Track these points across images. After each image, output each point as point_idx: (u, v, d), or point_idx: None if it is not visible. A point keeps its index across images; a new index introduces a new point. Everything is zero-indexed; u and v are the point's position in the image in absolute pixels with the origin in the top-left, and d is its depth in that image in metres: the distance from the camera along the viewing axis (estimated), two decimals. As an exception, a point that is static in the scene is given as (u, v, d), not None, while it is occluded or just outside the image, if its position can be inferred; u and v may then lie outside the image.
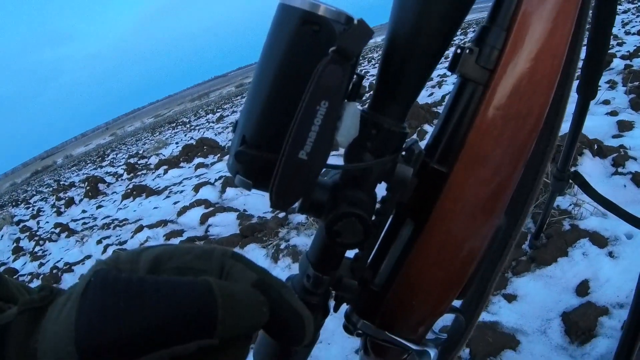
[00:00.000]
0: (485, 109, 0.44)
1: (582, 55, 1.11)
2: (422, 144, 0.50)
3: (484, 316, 1.91)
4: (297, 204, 0.45)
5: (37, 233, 7.22)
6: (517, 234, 0.60)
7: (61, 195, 11.04)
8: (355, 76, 0.43)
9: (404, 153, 0.47)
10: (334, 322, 0.78)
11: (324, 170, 0.43)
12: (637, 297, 0.87)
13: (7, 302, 0.30)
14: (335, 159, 0.54)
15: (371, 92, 0.47)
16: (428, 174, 0.47)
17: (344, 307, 0.57)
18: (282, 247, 2.92)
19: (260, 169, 0.42)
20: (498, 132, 0.45)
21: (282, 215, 3.51)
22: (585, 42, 1.06)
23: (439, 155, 0.48)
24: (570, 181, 1.55)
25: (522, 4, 0.44)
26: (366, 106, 0.48)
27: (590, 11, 1.01)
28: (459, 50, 0.46)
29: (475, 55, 0.45)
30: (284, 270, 2.74)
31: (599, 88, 3.51)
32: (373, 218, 0.48)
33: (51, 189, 14.69)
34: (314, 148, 0.39)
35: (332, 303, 0.55)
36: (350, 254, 0.52)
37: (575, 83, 1.20)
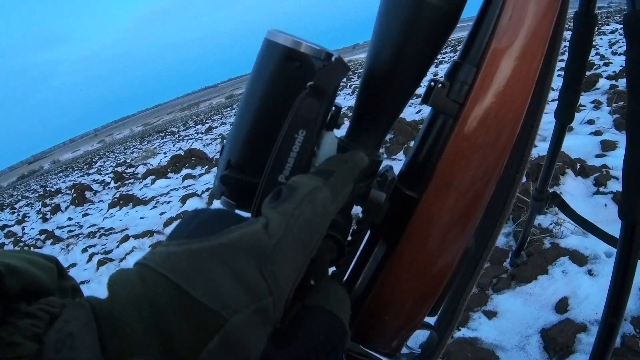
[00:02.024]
0: (454, 140, 0.48)
1: (560, 81, 1.15)
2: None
3: (464, 332, 1.94)
4: None
5: (22, 239, 7.17)
6: (488, 255, 0.63)
7: (47, 201, 10.97)
8: (333, 108, 0.46)
9: (378, 179, 0.50)
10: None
11: None
12: (607, 312, 0.90)
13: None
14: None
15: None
16: (400, 199, 0.50)
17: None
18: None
19: (243, 191, 0.45)
20: (466, 161, 0.48)
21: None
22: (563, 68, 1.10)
23: (410, 181, 0.51)
24: (549, 201, 1.58)
25: (492, 42, 0.47)
26: (344, 134, 0.51)
27: (567, 42, 1.05)
28: (432, 84, 0.49)
29: (446, 89, 0.48)
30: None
31: (583, 108, 3.57)
32: (349, 238, 0.51)
33: (37, 194, 14.59)
34: (292, 172, 0.42)
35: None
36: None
37: (554, 107, 1.24)
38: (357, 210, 0.51)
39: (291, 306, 0.37)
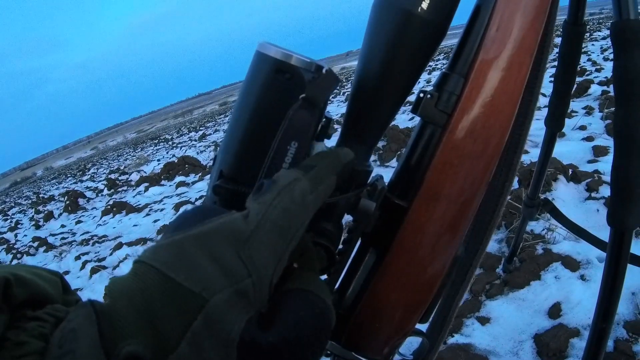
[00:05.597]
0: (442, 149, 0.48)
1: (551, 88, 1.16)
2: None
3: (457, 338, 1.94)
4: None
5: (15, 246, 7.13)
6: (478, 262, 0.64)
7: (40, 208, 10.93)
8: (324, 119, 0.47)
9: (368, 188, 0.50)
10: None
11: None
12: (597, 317, 0.91)
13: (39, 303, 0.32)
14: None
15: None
16: (390, 208, 0.51)
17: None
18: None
19: (235, 202, 0.45)
20: (454, 170, 0.48)
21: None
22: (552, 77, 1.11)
23: (400, 191, 0.52)
24: (541, 208, 1.59)
25: (479, 53, 0.48)
26: (334, 145, 0.52)
27: (557, 49, 1.06)
28: (421, 95, 0.50)
29: (435, 100, 0.49)
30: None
31: (575, 114, 3.57)
32: (340, 246, 0.52)
33: (30, 201, 14.53)
34: None
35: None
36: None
37: (544, 115, 1.25)
38: (347, 219, 0.51)
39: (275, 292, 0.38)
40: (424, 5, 0.45)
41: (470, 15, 0.51)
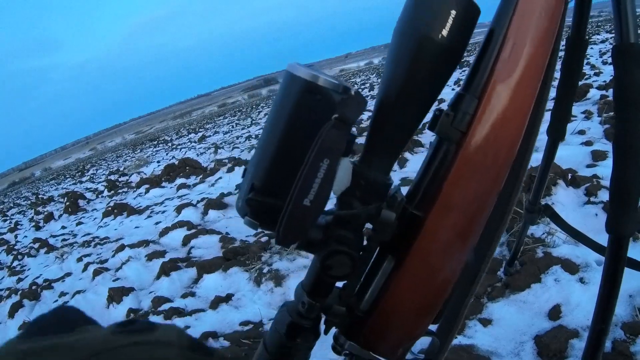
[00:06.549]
0: (456, 164, 0.52)
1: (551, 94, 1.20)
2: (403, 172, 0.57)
3: (460, 339, 1.97)
4: None
5: (15, 247, 7.13)
6: (486, 267, 0.67)
7: (40, 209, 10.92)
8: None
9: (388, 199, 0.54)
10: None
11: None
12: (595, 319, 0.94)
13: None
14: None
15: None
16: (407, 218, 0.55)
17: (333, 330, 0.64)
18: (264, 271, 2.94)
19: (266, 212, 0.49)
20: (466, 183, 0.52)
21: (264, 239, 3.51)
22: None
23: (417, 201, 0.56)
24: (541, 213, 1.62)
25: (492, 75, 0.52)
26: (357, 159, 0.55)
27: (560, 61, 1.10)
28: (437, 113, 0.54)
29: (450, 119, 0.53)
30: (266, 294, 2.76)
31: (574, 118, 3.57)
32: (360, 254, 0.55)
33: (29, 202, 14.51)
34: (316, 197, 0.46)
35: (322, 327, 0.62)
36: (340, 283, 0.59)
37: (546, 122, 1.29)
38: (366, 226, 0.55)
39: None
40: (444, 32, 0.49)
41: (484, 38, 0.55)
